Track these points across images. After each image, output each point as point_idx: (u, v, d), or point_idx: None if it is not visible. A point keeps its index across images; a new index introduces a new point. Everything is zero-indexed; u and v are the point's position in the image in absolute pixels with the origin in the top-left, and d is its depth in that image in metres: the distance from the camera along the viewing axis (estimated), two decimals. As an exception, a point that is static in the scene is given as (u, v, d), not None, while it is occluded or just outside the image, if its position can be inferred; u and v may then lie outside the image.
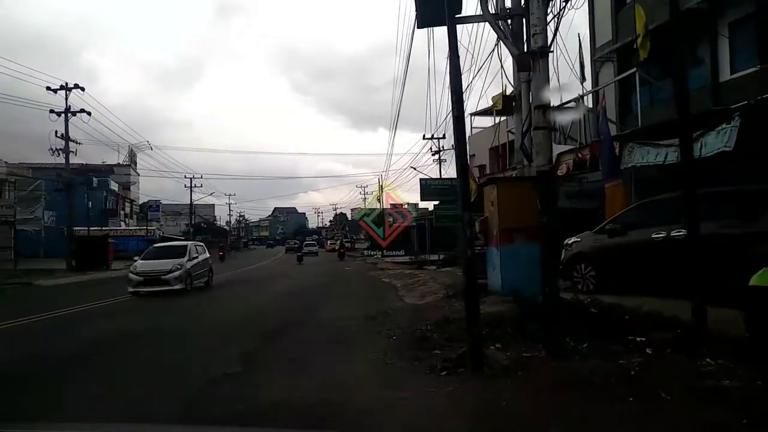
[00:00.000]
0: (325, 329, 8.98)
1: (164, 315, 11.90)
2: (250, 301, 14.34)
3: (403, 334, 8.09)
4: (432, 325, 8.41)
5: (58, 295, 17.38)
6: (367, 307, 11.47)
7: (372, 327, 8.96)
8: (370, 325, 9.20)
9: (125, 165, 61.54)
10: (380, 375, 5.87)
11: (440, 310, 10.17)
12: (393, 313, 10.44)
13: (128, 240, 48.23)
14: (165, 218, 77.82)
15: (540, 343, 6.38)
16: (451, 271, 19.83)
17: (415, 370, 5.87)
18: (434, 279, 15.50)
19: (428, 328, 8.23)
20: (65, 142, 31.04)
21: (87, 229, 34.01)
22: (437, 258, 27.66)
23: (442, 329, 8.08)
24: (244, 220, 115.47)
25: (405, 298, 13.02)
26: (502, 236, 6.52)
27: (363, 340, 7.92)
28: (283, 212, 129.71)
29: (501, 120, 26.77)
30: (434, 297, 12.18)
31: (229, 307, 13.27)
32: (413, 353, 6.67)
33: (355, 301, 13.17)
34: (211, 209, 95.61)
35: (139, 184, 66.07)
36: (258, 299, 14.70)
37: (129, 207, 61.34)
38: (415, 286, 15.11)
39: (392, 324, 9.10)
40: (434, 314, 9.59)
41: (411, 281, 16.50)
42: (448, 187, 22.26)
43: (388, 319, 9.61)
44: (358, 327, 9.10)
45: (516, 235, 6.57)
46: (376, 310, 10.77)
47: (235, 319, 10.81)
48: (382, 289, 16.29)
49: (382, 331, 8.50)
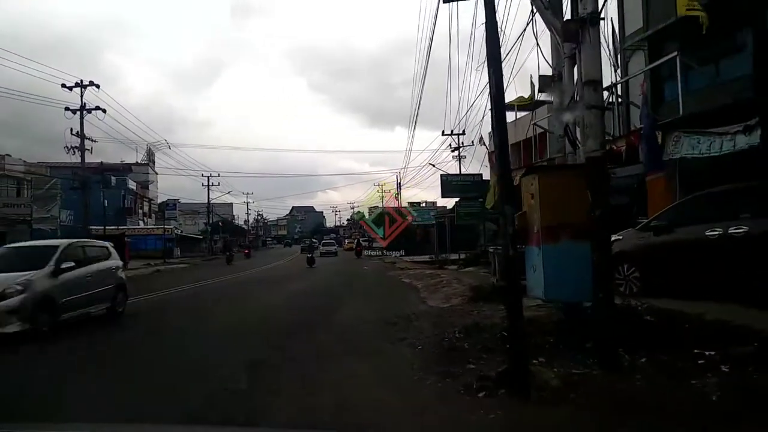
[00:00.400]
0: (341, 336, 8.20)
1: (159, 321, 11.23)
2: (262, 301, 13.65)
3: (430, 342, 7.27)
4: (461, 332, 7.57)
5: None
6: (387, 311, 10.68)
7: (394, 334, 8.15)
8: (392, 331, 8.39)
9: (143, 164, 61.68)
10: (406, 395, 5.06)
11: (468, 314, 9.35)
12: (416, 317, 9.63)
13: (146, 239, 48.19)
14: (183, 217, 77.99)
15: (590, 357, 5.52)
16: (473, 271, 18.93)
17: (448, 390, 5.04)
18: (458, 280, 14.64)
19: (458, 336, 7.39)
20: (80, 139, 30.76)
21: (103, 228, 33.80)
22: (458, 257, 26.78)
23: (473, 338, 7.25)
24: (263, 219, 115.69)
25: (428, 300, 12.19)
26: (545, 234, 5.65)
27: (384, 350, 7.12)
28: (300, 211, 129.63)
29: (522, 115, 25.90)
30: (459, 300, 11.33)
31: (240, 308, 12.59)
32: (443, 367, 5.84)
33: (373, 304, 12.38)
34: (229, 208, 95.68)
35: (158, 183, 66.27)
36: (271, 299, 14.01)
37: (147, 206, 61.44)
38: (438, 287, 14.27)
39: (416, 331, 8.29)
40: (462, 319, 8.76)
41: (433, 282, 15.66)
42: (470, 183, 21.40)
43: (411, 325, 8.80)
44: (378, 334, 8.30)
45: (561, 233, 5.69)
46: (397, 314, 9.97)
47: (244, 323, 10.08)
48: (403, 291, 15.47)
49: (406, 338, 7.69)
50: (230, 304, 13.38)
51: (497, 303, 10.19)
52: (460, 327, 7.97)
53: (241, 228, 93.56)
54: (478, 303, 10.54)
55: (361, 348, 7.26)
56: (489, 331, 7.58)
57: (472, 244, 32.06)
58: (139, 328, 10.03)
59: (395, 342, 7.57)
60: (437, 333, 7.83)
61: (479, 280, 13.78)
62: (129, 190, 53.37)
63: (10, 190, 37.95)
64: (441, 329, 8.14)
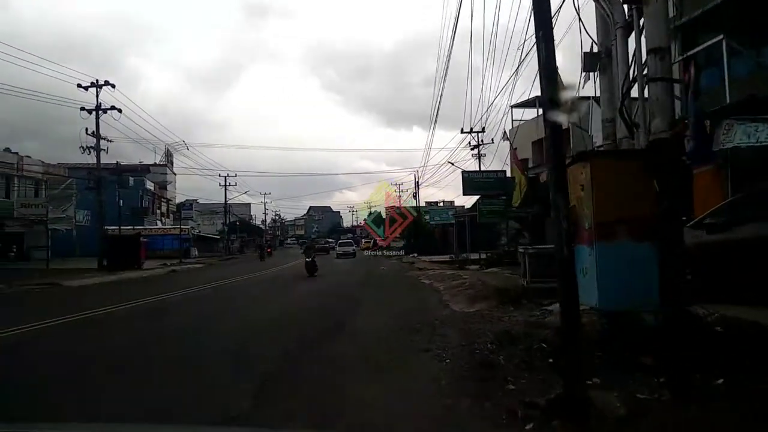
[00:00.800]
0: (357, 345, 7.39)
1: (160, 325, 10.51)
2: (273, 304, 12.93)
3: (458, 354, 6.43)
4: (494, 342, 6.72)
5: (79, 297, 16.43)
6: (408, 316, 9.87)
7: (416, 343, 7.32)
8: (414, 340, 7.57)
9: (161, 165, 61.75)
10: (436, 424, 4.24)
11: (497, 321, 8.48)
12: (440, 323, 8.79)
13: (163, 239, 48.06)
14: (201, 217, 78.06)
15: (653, 377, 4.65)
16: (497, 272, 18.00)
17: (486, 417, 4.20)
18: (481, 282, 13.75)
19: (490, 347, 6.54)
20: (96, 140, 30.53)
21: (118, 228, 33.54)
22: (478, 257, 25.82)
23: (507, 349, 6.39)
24: (280, 219, 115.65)
25: (451, 304, 11.33)
26: (599, 231, 4.79)
27: (407, 363, 6.29)
28: (318, 211, 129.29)
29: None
30: (486, 303, 10.45)
31: (255, 309, 11.87)
32: (477, 386, 5.01)
33: (393, 308, 11.55)
34: (247, 208, 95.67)
35: (176, 184, 66.32)
36: (285, 301, 13.29)
37: (165, 206, 61.44)
38: (461, 289, 13.40)
39: (441, 339, 7.46)
40: (492, 327, 7.90)
41: (455, 284, 14.78)
42: (492, 180, 20.47)
43: (435, 333, 7.96)
44: (399, 343, 7.49)
45: (618, 230, 4.83)
46: (419, 320, 9.15)
47: (253, 330, 9.34)
48: (423, 293, 14.61)
49: (430, 349, 6.85)
50: (239, 311, 12.51)
51: (529, 308, 9.33)
52: (491, 336, 7.12)
53: (258, 228, 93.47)
54: (507, 307, 9.67)
55: (380, 361, 6.44)
56: (524, 341, 6.72)
57: (492, 243, 31.03)
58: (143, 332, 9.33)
59: (419, 353, 6.75)
60: (465, 343, 6.99)
61: (505, 282, 12.88)
62: (146, 190, 53.33)
63: (29, 190, 38.03)
64: (469, 338, 7.30)
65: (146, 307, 12.89)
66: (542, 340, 6.59)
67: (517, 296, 10.11)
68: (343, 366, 6.22)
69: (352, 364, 6.31)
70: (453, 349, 6.73)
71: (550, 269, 10.25)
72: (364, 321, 9.67)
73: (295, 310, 11.80)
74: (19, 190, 36.98)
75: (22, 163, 37.40)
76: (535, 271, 10.04)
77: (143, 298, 14.26)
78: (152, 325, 10.23)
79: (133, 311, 12.15)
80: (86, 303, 13.00)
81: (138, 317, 11.33)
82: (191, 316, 11.53)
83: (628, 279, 4.76)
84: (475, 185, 21.40)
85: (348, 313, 10.89)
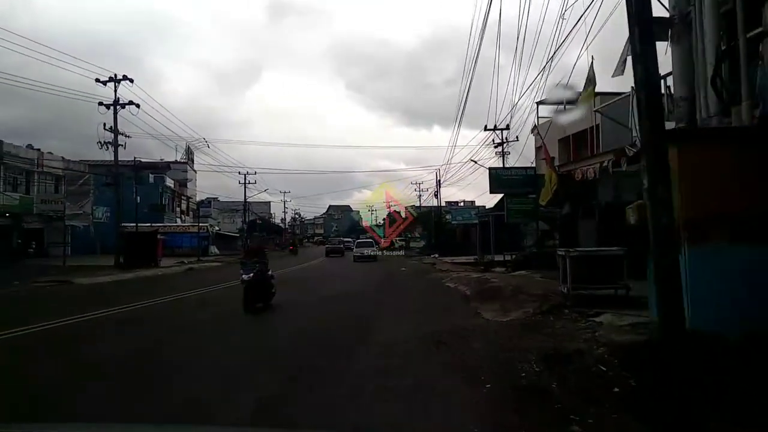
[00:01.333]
0: (376, 361, 6.35)
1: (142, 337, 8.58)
2: (286, 308, 12.06)
3: (499, 375, 5.42)
4: (540, 362, 5.69)
5: (85, 296, 15.78)
6: (434, 324, 8.85)
7: (446, 360, 6.32)
8: (443, 355, 6.56)
9: (182, 162, 61.70)
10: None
11: (539, 333, 7.40)
12: (471, 335, 7.76)
13: (182, 236, 47.76)
14: (221, 215, 78.04)
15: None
16: (527, 275, 16.84)
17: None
18: (512, 286, 12.62)
19: (536, 368, 5.51)
20: (114, 135, 30.15)
21: (135, 225, 33.14)
22: (503, 259, 24.61)
23: (558, 371, 5.36)
24: (300, 218, 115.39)
25: (482, 311, 10.27)
26: (692, 231, 3.73)
27: (436, 388, 5.25)
28: (337, 210, 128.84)
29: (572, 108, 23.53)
30: (521, 312, 9.38)
31: (257, 322, 10.99)
32: (530, 423, 4.00)
33: (417, 314, 10.56)
34: (267, 206, 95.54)
35: (197, 181, 66.26)
36: (298, 308, 12.40)
37: (186, 204, 61.35)
38: (490, 294, 12.29)
39: (474, 355, 6.44)
40: (534, 341, 6.84)
41: (483, 288, 13.68)
42: (521, 177, 19.30)
43: (466, 347, 6.94)
44: (425, 359, 6.48)
45: (713, 229, 3.74)
46: (448, 330, 8.13)
47: (264, 339, 8.43)
48: (449, 298, 13.56)
49: (465, 367, 5.85)
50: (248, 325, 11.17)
51: (572, 319, 8.24)
52: (535, 353, 6.08)
53: (278, 226, 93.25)
54: (547, 317, 8.59)
55: (402, 383, 5.37)
56: (577, 361, 5.68)
57: (516, 245, 29.74)
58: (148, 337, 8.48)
59: (449, 373, 5.74)
60: (505, 361, 5.97)
61: (540, 287, 11.77)
62: (166, 187, 53.18)
63: (49, 186, 37.94)
64: (508, 355, 6.27)
65: (126, 315, 12.11)
66: (599, 361, 5.54)
67: (558, 304, 9.03)
68: (357, 388, 5.20)
69: (369, 387, 5.27)
70: (490, 368, 5.71)
71: (595, 274, 9.18)
72: (385, 329, 8.67)
73: (311, 316, 10.87)
74: (39, 186, 36.93)
75: (42, 159, 37.32)
76: (578, 277, 8.95)
77: (141, 300, 13.50)
78: (129, 338, 9.37)
79: (120, 318, 11.36)
80: (87, 304, 12.26)
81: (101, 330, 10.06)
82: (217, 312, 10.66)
83: (730, 291, 3.68)
84: (502, 182, 20.22)
85: (368, 318, 9.92)
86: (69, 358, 6.79)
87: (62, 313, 10.57)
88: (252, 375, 5.84)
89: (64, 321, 9.72)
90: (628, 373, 5.09)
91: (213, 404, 4.74)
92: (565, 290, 9.29)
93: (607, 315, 7.90)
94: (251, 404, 4.66)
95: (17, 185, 35.43)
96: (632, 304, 8.55)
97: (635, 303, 8.72)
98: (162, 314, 11.27)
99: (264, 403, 4.70)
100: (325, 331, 8.66)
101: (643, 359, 5.29)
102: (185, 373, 5.95)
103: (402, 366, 6.08)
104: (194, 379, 5.66)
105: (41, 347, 7.67)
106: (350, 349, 7.13)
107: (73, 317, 10.14)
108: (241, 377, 5.74)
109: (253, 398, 4.81)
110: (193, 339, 8.31)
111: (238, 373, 5.94)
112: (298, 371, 5.92)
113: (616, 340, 6.23)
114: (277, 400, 4.81)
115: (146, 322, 10.02)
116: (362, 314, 10.60)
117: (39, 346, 7.78)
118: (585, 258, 8.98)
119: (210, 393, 5.09)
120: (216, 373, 5.96)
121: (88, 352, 7.25)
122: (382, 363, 6.22)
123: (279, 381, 5.49)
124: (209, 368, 6.18)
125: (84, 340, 8.21)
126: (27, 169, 35.92)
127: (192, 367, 6.27)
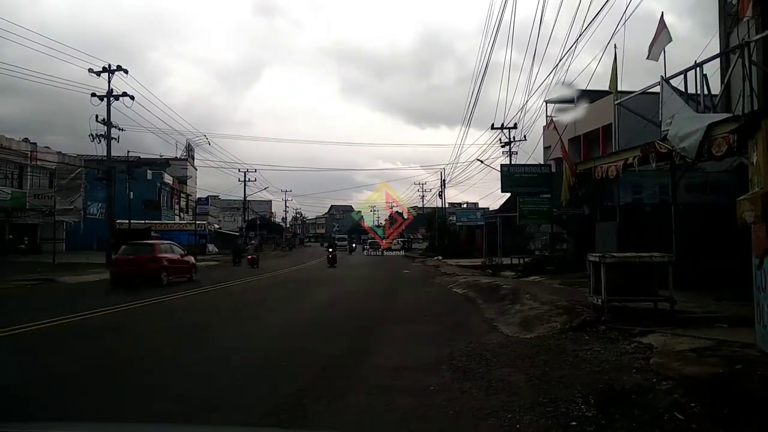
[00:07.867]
0: (377, 397, 5.08)
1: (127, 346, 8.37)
2: (278, 319, 10.80)
3: (538, 425, 4.12)
4: (590, 404, 4.39)
5: (61, 296, 14.57)
6: (445, 340, 7.59)
7: (467, 394, 5.03)
8: (462, 387, 5.26)
9: (182, 159, 60.58)
10: None
11: (578, 359, 6.06)
12: (492, 358, 6.46)
13: (180, 234, 46.58)
14: (222, 213, 76.94)
15: None
16: (542, 281, 15.55)
17: None
18: (529, 294, 11.30)
19: (588, 413, 4.21)
20: (107, 127, 28.96)
21: (128, 222, 31.95)
22: (510, 262, 23.27)
23: (619, 420, 4.07)
24: (301, 217, 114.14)
25: (499, 325, 8.96)
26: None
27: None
28: (339, 210, 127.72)
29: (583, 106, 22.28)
30: (547, 327, 8.08)
31: (239, 335, 9.73)
32: None
33: (425, 325, 9.27)
34: (268, 205, 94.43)
35: (197, 179, 65.16)
36: (293, 316, 11.14)
37: (185, 201, 60.19)
38: (506, 304, 10.98)
39: (501, 387, 5.14)
40: (574, 370, 5.55)
41: (496, 296, 12.37)
42: (536, 175, 18.02)
43: (489, 375, 5.64)
44: (440, 392, 5.14)
45: None
46: (463, 350, 6.85)
47: (243, 356, 7.17)
48: (459, 307, 12.22)
49: (493, 410, 4.54)
50: (232, 329, 10.30)
51: (612, 338, 6.90)
52: (580, 389, 4.79)
53: (279, 226, 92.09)
54: (580, 335, 7.27)
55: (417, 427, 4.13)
56: (641, 402, 4.39)
57: (522, 248, 28.45)
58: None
59: (472, 414, 4.46)
60: (542, 399, 4.66)
61: (562, 296, 10.47)
62: (165, 184, 52.03)
63: (43, 181, 36.77)
64: (545, 388, 4.98)
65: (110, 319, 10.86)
66: (671, 404, 4.24)
67: (591, 319, 7.72)
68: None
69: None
70: (526, 410, 4.41)
71: (635, 284, 7.88)
72: (389, 348, 7.38)
73: (302, 330, 9.60)
74: (32, 180, 35.78)
75: (35, 153, 36.15)
76: (615, 287, 7.66)
77: (123, 304, 12.26)
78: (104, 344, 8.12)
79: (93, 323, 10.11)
80: (57, 307, 11.02)
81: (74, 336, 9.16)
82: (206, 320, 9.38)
83: None
84: (514, 181, 18.92)
85: (368, 332, 8.65)
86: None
87: (28, 317, 9.32)
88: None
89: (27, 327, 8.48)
90: (715, 423, 3.81)
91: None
92: (598, 302, 7.99)
93: (656, 335, 6.60)
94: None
95: (12, 179, 34.32)
96: (681, 322, 7.27)
97: (684, 320, 7.45)
98: (130, 323, 10.02)
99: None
100: (313, 355, 7.38)
101: (737, 403, 4.01)
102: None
103: (414, 404, 4.79)
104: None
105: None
106: (349, 373, 5.85)
107: (38, 322, 8.89)
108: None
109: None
110: (162, 350, 7.04)
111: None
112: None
113: (683, 371, 4.93)
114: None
115: (110, 332, 8.77)
116: (364, 325, 9.34)
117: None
118: (624, 265, 7.68)
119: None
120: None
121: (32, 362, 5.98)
122: (388, 399, 4.94)
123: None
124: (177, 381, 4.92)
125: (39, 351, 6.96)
126: (20, 162, 34.82)
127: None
